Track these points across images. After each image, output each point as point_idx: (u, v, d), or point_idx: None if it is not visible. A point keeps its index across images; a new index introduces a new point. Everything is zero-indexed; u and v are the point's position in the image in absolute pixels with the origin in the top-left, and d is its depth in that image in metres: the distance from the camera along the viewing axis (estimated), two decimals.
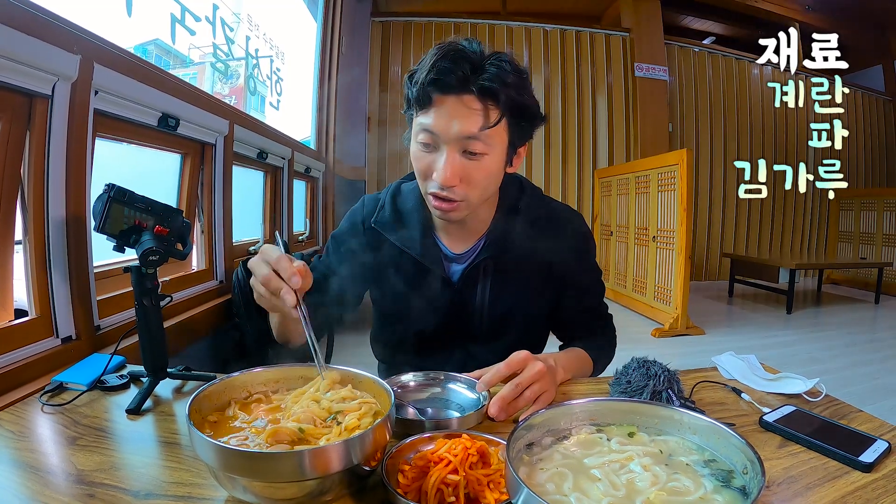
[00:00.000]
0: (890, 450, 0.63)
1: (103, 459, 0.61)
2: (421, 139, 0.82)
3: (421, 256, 0.95)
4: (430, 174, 0.83)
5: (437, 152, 0.82)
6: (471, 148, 0.80)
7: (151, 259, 0.80)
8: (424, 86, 0.78)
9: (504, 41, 5.75)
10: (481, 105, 0.79)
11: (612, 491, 0.48)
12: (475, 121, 0.79)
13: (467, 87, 0.78)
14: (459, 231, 0.97)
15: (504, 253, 0.95)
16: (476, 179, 0.83)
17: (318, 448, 0.49)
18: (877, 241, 6.06)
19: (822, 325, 4.27)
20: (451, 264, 0.98)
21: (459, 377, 0.83)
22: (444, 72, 0.77)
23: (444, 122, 0.79)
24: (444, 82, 0.77)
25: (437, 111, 0.79)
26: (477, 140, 0.79)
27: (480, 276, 0.97)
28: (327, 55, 4.04)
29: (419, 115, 0.82)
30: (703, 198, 6.31)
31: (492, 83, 0.77)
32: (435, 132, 0.80)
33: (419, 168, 0.85)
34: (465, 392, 0.81)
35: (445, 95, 0.79)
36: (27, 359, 0.97)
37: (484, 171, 0.83)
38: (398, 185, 1.02)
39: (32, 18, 0.99)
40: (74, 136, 1.12)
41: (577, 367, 0.94)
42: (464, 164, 0.81)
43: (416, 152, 0.84)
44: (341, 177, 4.43)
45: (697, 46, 6.34)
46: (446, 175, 0.80)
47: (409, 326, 1.00)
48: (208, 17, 2.16)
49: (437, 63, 0.77)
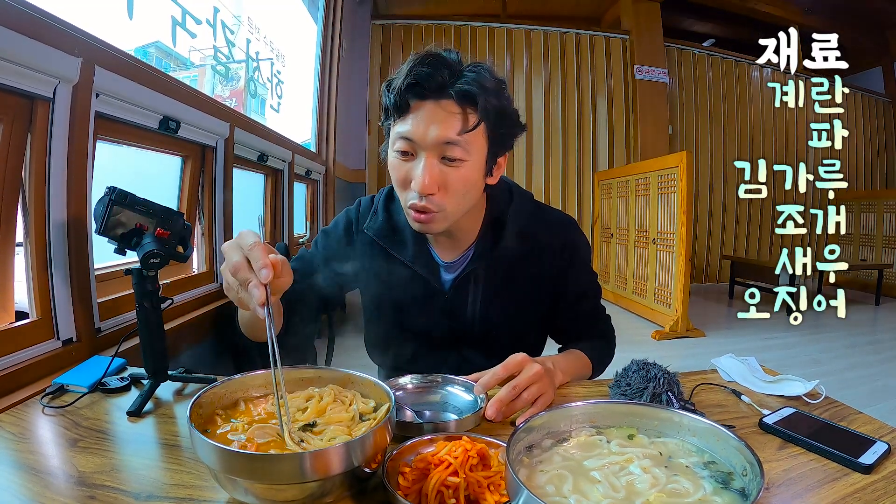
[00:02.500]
0: (889, 451, 0.63)
1: (104, 461, 0.61)
2: (398, 147, 0.80)
3: (412, 264, 0.94)
4: (408, 183, 0.81)
5: (414, 160, 0.80)
6: (449, 154, 0.78)
7: (152, 262, 0.80)
8: (402, 91, 0.77)
9: (504, 44, 5.77)
10: (460, 109, 0.78)
11: (612, 493, 0.48)
12: (453, 125, 0.77)
13: (445, 92, 0.77)
14: (448, 240, 0.96)
15: (494, 262, 0.94)
16: (455, 188, 0.80)
17: (319, 450, 0.49)
18: (877, 242, 6.05)
19: (822, 327, 4.27)
20: (443, 273, 0.97)
21: (457, 379, 0.83)
22: (422, 77, 0.76)
23: (423, 127, 0.77)
24: (422, 87, 0.76)
25: (415, 117, 0.78)
26: (456, 146, 0.78)
27: (471, 285, 0.95)
28: (328, 58, 4.05)
29: (397, 124, 0.80)
30: (703, 200, 6.32)
31: (470, 87, 0.77)
32: (413, 139, 0.78)
33: (397, 178, 0.83)
34: (463, 395, 0.81)
35: (423, 101, 0.78)
36: (28, 361, 0.97)
37: (462, 179, 0.80)
38: (391, 191, 1.00)
39: (34, 21, 0.99)
40: (75, 138, 1.12)
41: (575, 370, 0.93)
42: (442, 170, 0.79)
43: (394, 162, 0.82)
44: (342, 179, 4.43)
45: (697, 49, 6.35)
46: (424, 182, 0.78)
47: (400, 333, 0.99)
48: (209, 19, 2.17)
49: (414, 69, 0.76)
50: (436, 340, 0.99)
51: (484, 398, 0.75)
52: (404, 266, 0.95)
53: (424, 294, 0.96)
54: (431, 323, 0.97)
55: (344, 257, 0.98)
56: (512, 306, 0.97)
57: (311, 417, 0.59)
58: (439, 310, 0.96)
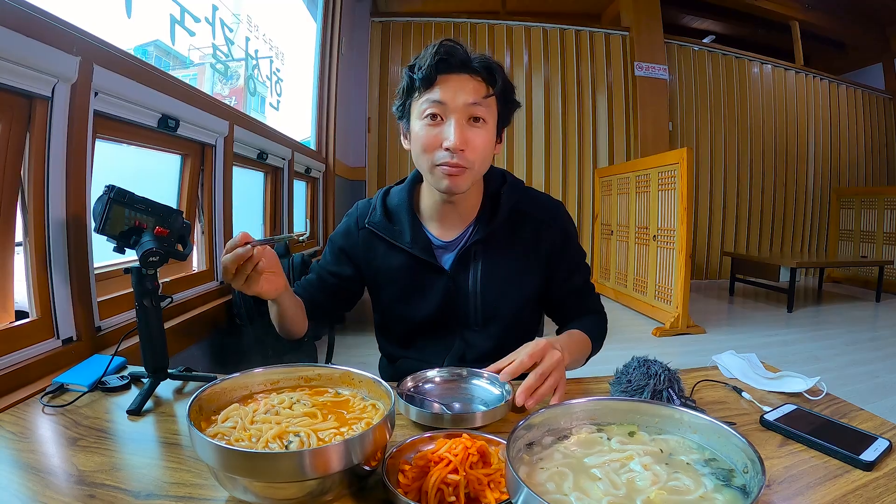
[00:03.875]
0: (891, 448, 0.63)
1: (104, 460, 0.61)
2: (428, 111, 0.91)
3: (411, 248, 1.01)
4: (438, 144, 0.90)
5: (443, 124, 0.90)
6: (475, 113, 0.90)
7: (152, 260, 0.80)
8: (430, 67, 0.89)
9: (503, 41, 5.75)
10: (480, 79, 0.91)
11: (613, 490, 0.48)
12: (478, 90, 0.91)
13: (468, 67, 0.91)
14: (448, 219, 1.03)
15: (492, 237, 1.02)
16: (479, 146, 0.91)
17: (318, 448, 0.49)
18: (877, 239, 6.05)
19: (822, 324, 4.26)
20: (443, 253, 1.04)
21: (481, 373, 0.85)
22: (448, 53, 0.89)
23: (451, 93, 0.89)
24: (449, 62, 0.89)
25: (443, 86, 0.90)
26: (480, 106, 0.90)
27: (471, 261, 1.02)
28: (327, 55, 4.04)
29: (423, 95, 0.91)
30: (703, 196, 6.31)
31: (486, 62, 0.92)
32: (444, 101, 0.89)
33: (425, 142, 0.91)
34: (487, 387, 0.83)
35: (448, 74, 0.90)
36: (28, 360, 0.97)
37: (484, 139, 0.92)
38: (387, 189, 1.10)
39: (32, 20, 0.99)
40: (74, 137, 1.12)
41: (578, 350, 0.98)
42: (470, 130, 0.90)
43: (422, 128, 0.92)
44: (341, 177, 4.43)
45: (697, 45, 6.33)
46: (458, 138, 0.88)
47: (409, 316, 1.06)
48: (208, 18, 2.17)
49: (439, 49, 0.89)
50: (440, 320, 1.04)
51: (510, 389, 0.78)
52: (405, 252, 1.02)
53: (428, 276, 1.03)
54: (435, 302, 1.03)
55: (350, 255, 1.08)
56: (509, 281, 1.03)
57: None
58: (442, 289, 1.02)
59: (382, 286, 1.07)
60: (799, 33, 6.57)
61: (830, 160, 6.84)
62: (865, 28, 6.76)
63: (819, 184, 6.83)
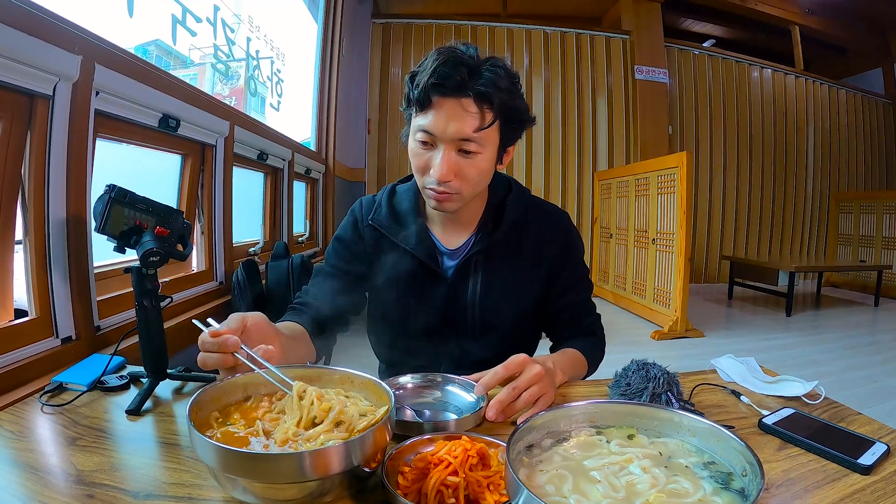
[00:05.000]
0: (889, 452, 0.63)
1: (103, 460, 0.61)
2: (419, 138, 0.87)
3: (416, 251, 0.99)
4: (427, 170, 0.88)
5: (434, 150, 0.87)
6: (465, 147, 0.85)
7: (152, 260, 0.80)
8: (425, 88, 0.83)
9: (504, 43, 5.76)
10: (477, 108, 0.84)
11: (612, 493, 0.48)
12: (471, 123, 0.84)
13: (465, 91, 0.83)
14: (452, 226, 1.02)
15: (494, 247, 0.99)
16: (469, 175, 0.88)
17: (318, 449, 0.49)
18: (876, 243, 6.06)
19: (821, 328, 4.27)
20: (445, 260, 1.02)
21: (458, 379, 0.83)
22: (444, 76, 0.81)
23: (442, 123, 0.84)
24: (444, 86, 0.82)
25: (436, 113, 0.84)
26: (471, 141, 0.85)
27: (472, 270, 1.00)
28: (328, 57, 4.05)
29: (418, 116, 0.87)
30: (702, 200, 6.32)
31: (487, 88, 0.83)
32: (433, 132, 0.85)
33: (417, 164, 0.90)
34: (463, 394, 0.81)
35: (444, 98, 0.84)
36: (27, 359, 0.97)
37: (476, 168, 0.88)
38: (393, 187, 1.07)
39: (34, 19, 0.99)
40: (75, 136, 1.12)
41: (573, 369, 0.96)
42: (458, 161, 0.87)
43: (415, 149, 0.89)
44: (341, 178, 4.43)
45: (698, 49, 6.34)
46: (443, 171, 0.85)
47: (405, 321, 1.03)
48: (209, 18, 2.17)
49: (437, 68, 0.82)
50: (437, 330, 1.01)
51: (484, 398, 0.75)
52: (408, 254, 1.00)
53: (427, 281, 1.00)
54: (434, 310, 1.00)
55: (355, 254, 1.04)
56: (509, 291, 1.01)
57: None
58: (442, 296, 1.00)
59: (382, 287, 1.03)
60: (799, 38, 6.59)
61: (830, 164, 6.86)
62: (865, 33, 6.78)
63: (818, 188, 6.85)
